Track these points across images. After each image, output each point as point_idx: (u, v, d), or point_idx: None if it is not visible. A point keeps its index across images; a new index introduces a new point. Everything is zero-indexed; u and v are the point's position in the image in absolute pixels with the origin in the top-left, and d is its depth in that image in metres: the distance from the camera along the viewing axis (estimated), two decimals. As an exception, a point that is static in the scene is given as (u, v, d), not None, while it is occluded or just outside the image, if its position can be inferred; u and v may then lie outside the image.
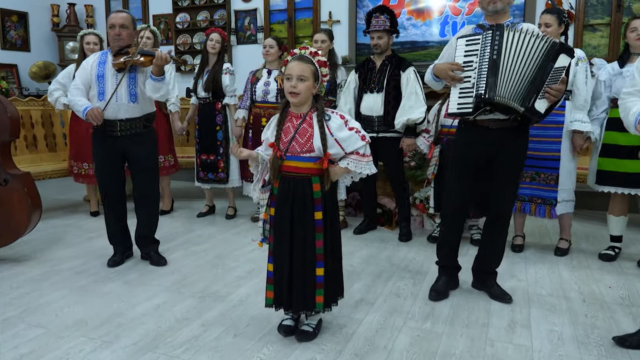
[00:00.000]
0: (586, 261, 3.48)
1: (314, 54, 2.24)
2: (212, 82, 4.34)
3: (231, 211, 4.71)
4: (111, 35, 3.21)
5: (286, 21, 6.13)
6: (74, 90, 3.19)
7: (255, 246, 3.77)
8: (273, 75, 4.28)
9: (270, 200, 2.31)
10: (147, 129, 3.36)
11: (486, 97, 2.46)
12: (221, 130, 4.48)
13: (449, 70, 2.62)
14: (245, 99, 4.40)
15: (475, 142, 2.69)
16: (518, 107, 2.47)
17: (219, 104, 4.45)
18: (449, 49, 2.79)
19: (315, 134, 2.19)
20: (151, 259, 3.45)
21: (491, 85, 2.45)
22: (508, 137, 2.65)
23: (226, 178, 4.55)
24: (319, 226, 2.24)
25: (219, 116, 4.46)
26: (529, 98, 2.48)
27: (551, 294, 2.92)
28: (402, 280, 3.11)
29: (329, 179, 2.23)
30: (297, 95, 2.19)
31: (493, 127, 2.64)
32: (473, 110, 2.54)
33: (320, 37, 4.13)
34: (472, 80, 2.56)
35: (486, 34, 2.51)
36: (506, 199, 2.78)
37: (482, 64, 2.50)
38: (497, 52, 2.47)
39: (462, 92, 2.61)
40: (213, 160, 4.52)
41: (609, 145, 3.38)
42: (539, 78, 2.46)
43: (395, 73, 3.82)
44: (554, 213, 3.48)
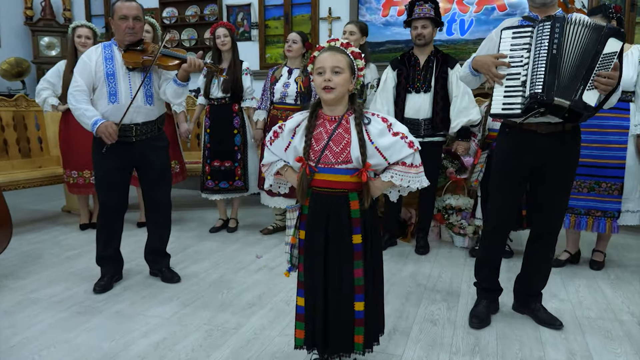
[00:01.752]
0: (624, 275, 3.20)
1: (346, 45, 1.88)
2: (232, 82, 3.95)
3: (233, 223, 4.31)
4: (122, 28, 2.81)
5: (282, 17, 5.75)
6: (78, 95, 2.77)
7: (263, 265, 3.45)
8: (294, 76, 3.91)
9: (299, 221, 1.94)
10: (161, 132, 3.03)
11: (544, 97, 2.12)
12: (239, 134, 4.09)
13: (492, 64, 2.29)
14: (265, 99, 4.03)
15: (522, 149, 2.36)
16: (564, 103, 2.14)
17: (236, 106, 4.06)
18: (489, 43, 2.46)
19: (353, 141, 1.83)
20: (163, 276, 3.12)
21: (549, 84, 2.12)
22: (559, 144, 2.33)
23: (244, 186, 4.14)
24: (358, 252, 1.87)
25: (236, 119, 4.07)
26: (576, 90, 2.14)
27: (601, 316, 2.61)
28: (434, 304, 2.77)
29: (369, 195, 1.86)
30: (332, 90, 1.82)
31: (542, 132, 2.32)
32: (524, 111, 2.21)
33: (349, 29, 3.76)
34: (521, 78, 2.23)
35: (542, 26, 2.17)
36: (556, 214, 2.46)
37: (536, 60, 2.17)
38: (557, 46, 2.13)
39: (508, 91, 2.27)
40: (229, 167, 4.10)
41: None
42: (587, 66, 2.14)
43: (443, 70, 3.46)
44: (616, 226, 3.17)
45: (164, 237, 3.17)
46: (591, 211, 3.18)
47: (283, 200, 3.90)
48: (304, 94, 3.87)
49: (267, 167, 2.04)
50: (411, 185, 1.87)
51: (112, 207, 2.97)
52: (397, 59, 3.60)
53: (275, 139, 1.98)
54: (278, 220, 4.22)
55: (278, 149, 1.97)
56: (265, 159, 2.03)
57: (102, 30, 6.35)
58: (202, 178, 4.17)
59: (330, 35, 5.58)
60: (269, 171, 2.03)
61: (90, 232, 4.05)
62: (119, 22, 2.80)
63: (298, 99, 3.87)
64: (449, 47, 5.30)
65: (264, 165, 2.05)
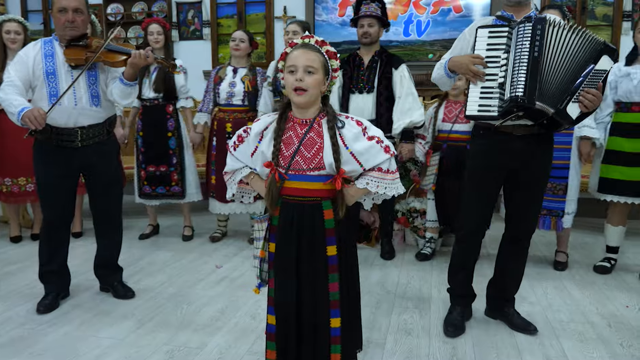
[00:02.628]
0: (588, 275, 3.22)
1: (321, 44, 1.75)
2: (164, 82, 3.72)
3: (188, 231, 4.07)
4: (61, 22, 2.56)
5: (236, 16, 5.55)
6: (8, 88, 2.50)
7: (223, 276, 3.27)
8: (240, 75, 3.74)
9: (268, 233, 1.78)
10: (110, 135, 2.79)
11: (525, 101, 2.06)
12: (174, 137, 3.86)
13: (470, 63, 2.21)
14: (207, 101, 3.83)
15: (496, 151, 2.30)
16: (548, 109, 2.10)
17: (171, 107, 3.83)
18: (462, 42, 2.40)
19: (326, 146, 1.69)
20: (115, 291, 2.89)
21: (531, 87, 2.06)
22: (533, 147, 2.28)
23: (181, 192, 3.92)
24: (333, 265, 1.74)
25: (170, 121, 3.84)
26: (562, 100, 2.11)
27: (573, 319, 2.59)
28: (406, 312, 2.67)
29: (344, 204, 1.73)
30: (304, 92, 1.68)
31: (518, 135, 2.26)
32: (502, 114, 2.15)
33: (292, 28, 3.62)
34: (498, 79, 2.17)
35: (523, 27, 2.11)
36: (531, 217, 2.41)
37: (516, 62, 2.11)
38: (538, 49, 2.07)
39: (485, 92, 2.21)
40: (164, 172, 3.88)
41: (613, 151, 3.13)
42: (576, 79, 2.10)
43: (386, 70, 3.38)
44: (561, 225, 3.20)
45: (115, 250, 2.94)
46: None
47: (237, 206, 3.74)
48: (251, 94, 3.72)
49: (231, 175, 1.87)
50: (387, 192, 1.76)
51: (56, 217, 2.72)
52: (343, 59, 3.51)
53: (239, 144, 1.82)
54: (222, 226, 4.05)
55: (243, 155, 1.81)
56: (228, 166, 1.86)
57: (39, 26, 5.96)
58: (139, 183, 3.94)
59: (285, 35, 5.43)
60: (232, 179, 1.87)
61: (32, 245, 3.74)
62: (58, 15, 2.56)
63: (246, 100, 3.71)
64: (406, 48, 5.27)
65: (227, 173, 1.88)
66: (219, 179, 3.75)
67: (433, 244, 3.59)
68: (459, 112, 3.36)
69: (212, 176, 3.83)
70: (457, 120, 3.35)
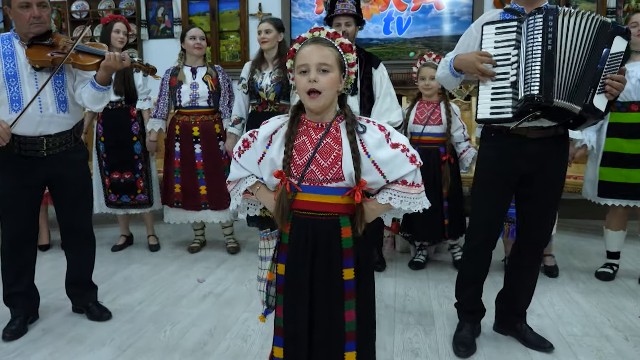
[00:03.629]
0: (590, 282, 3.10)
1: (334, 36, 1.54)
2: (124, 82, 3.44)
3: (154, 240, 3.80)
4: (25, 19, 2.29)
5: (208, 13, 5.26)
6: None
7: (207, 291, 2.97)
8: (200, 75, 3.50)
9: (277, 252, 1.56)
10: (78, 142, 2.52)
11: (542, 99, 1.90)
12: (139, 142, 3.59)
13: (477, 61, 2.05)
14: (162, 105, 3.56)
15: (509, 156, 2.14)
16: (574, 108, 1.95)
17: (134, 110, 3.57)
18: (468, 38, 2.23)
19: (345, 153, 1.49)
20: (90, 312, 2.62)
21: (548, 84, 1.90)
22: (549, 149, 2.13)
23: (148, 200, 3.65)
24: (350, 290, 1.53)
25: (135, 124, 3.57)
26: (586, 94, 1.95)
27: (587, 333, 2.46)
28: (410, 329, 2.49)
29: (363, 220, 1.53)
30: (319, 95, 1.48)
31: (533, 137, 2.11)
32: (517, 115, 1.99)
33: (264, 27, 3.37)
34: (510, 78, 2.01)
35: (533, 20, 1.95)
36: (546, 226, 2.27)
37: (528, 57, 1.95)
38: (551, 42, 1.91)
39: (496, 93, 2.05)
40: (129, 179, 3.60)
41: (612, 153, 3.01)
42: (595, 67, 1.95)
43: (367, 70, 3.18)
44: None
45: (87, 266, 2.67)
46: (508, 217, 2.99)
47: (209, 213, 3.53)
48: (215, 93, 3.51)
49: (235, 185, 1.64)
50: (412, 208, 1.55)
51: (20, 234, 2.44)
52: None
53: (245, 150, 1.60)
54: (199, 235, 3.80)
55: (249, 162, 1.59)
56: (232, 174, 1.63)
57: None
58: (104, 191, 3.66)
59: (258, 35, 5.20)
60: (236, 189, 1.64)
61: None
62: (19, 10, 2.28)
63: (211, 100, 3.49)
64: (386, 47, 5.11)
65: (231, 182, 1.65)
66: (186, 187, 3.52)
67: (425, 250, 3.44)
68: (431, 113, 3.22)
69: (175, 184, 3.55)
70: (429, 122, 3.22)
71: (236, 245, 3.69)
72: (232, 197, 1.67)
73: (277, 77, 3.30)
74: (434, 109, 3.23)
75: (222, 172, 3.47)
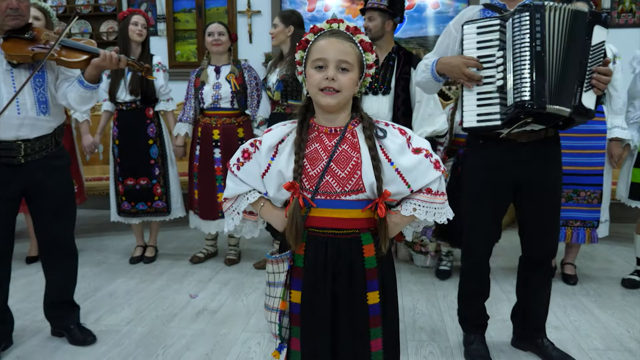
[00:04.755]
0: (601, 289, 2.97)
1: (354, 31, 1.34)
2: (141, 82, 3.21)
3: (151, 252, 3.55)
4: (1, 9, 2.06)
5: (194, 10, 5.03)
6: None
7: (201, 307, 2.73)
8: (224, 74, 3.28)
9: (290, 277, 1.37)
10: (60, 146, 2.30)
11: (534, 106, 1.76)
12: (156, 145, 3.36)
13: (463, 66, 1.91)
14: (189, 109, 3.36)
15: (501, 163, 1.99)
16: (563, 111, 1.80)
17: (151, 110, 3.34)
18: (448, 38, 2.09)
19: (365, 161, 1.30)
20: (71, 336, 2.38)
21: (539, 89, 1.76)
22: (542, 153, 2.00)
23: (166, 207, 3.42)
24: (375, 316, 1.34)
25: (151, 126, 3.34)
26: (574, 93, 1.81)
27: (609, 346, 2.32)
28: (424, 346, 2.31)
29: (387, 236, 1.34)
30: (336, 94, 1.29)
31: (524, 141, 1.96)
32: (506, 122, 1.85)
33: (273, 22, 3.18)
34: (496, 82, 1.87)
35: (519, 18, 1.81)
36: (552, 233, 2.12)
37: (517, 60, 1.81)
38: (540, 42, 1.77)
39: (482, 98, 1.92)
40: (145, 185, 3.36)
41: None
42: (579, 63, 1.81)
43: (405, 70, 2.93)
44: (596, 236, 2.94)
45: (68, 285, 2.43)
46: (569, 221, 2.92)
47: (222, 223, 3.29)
48: (239, 93, 3.27)
49: (232, 202, 1.43)
50: (437, 219, 1.38)
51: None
52: None
53: (245, 162, 1.39)
54: (209, 245, 3.57)
55: (249, 175, 1.39)
56: (229, 190, 1.42)
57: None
58: (117, 199, 3.42)
59: (250, 33, 4.99)
60: (235, 207, 1.43)
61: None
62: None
63: (235, 102, 3.27)
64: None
65: (228, 199, 1.44)
66: (203, 194, 3.31)
67: (451, 256, 3.27)
68: None
69: (195, 190, 3.35)
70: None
71: (235, 258, 3.47)
72: (228, 216, 1.45)
73: (282, 75, 3.09)
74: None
75: None
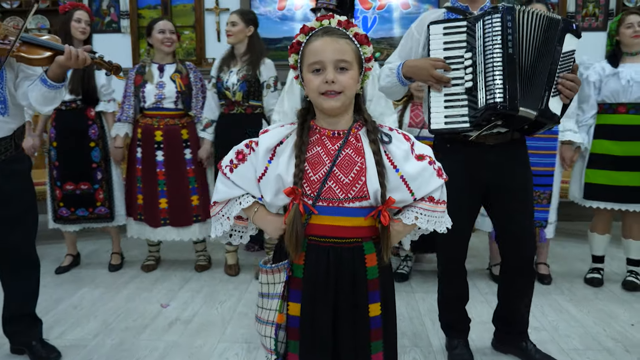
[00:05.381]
0: (575, 288, 3.02)
1: (346, 25, 1.28)
2: (83, 80, 3.04)
3: (117, 259, 3.39)
4: None
5: (159, 6, 4.87)
6: None
7: (173, 317, 2.61)
8: (168, 73, 3.14)
9: (287, 288, 1.29)
10: (19, 150, 2.14)
11: (507, 108, 1.75)
12: (98, 147, 3.18)
13: (431, 68, 1.88)
14: (128, 107, 3.18)
15: (470, 167, 1.98)
16: (530, 113, 1.81)
17: (92, 111, 3.15)
18: (411, 40, 2.07)
19: (369, 167, 1.24)
20: (34, 353, 2.21)
21: (512, 91, 1.76)
22: (510, 155, 2.01)
23: (109, 213, 3.24)
24: (377, 329, 1.29)
25: (93, 127, 3.16)
26: (541, 97, 1.82)
27: (588, 346, 2.34)
28: (407, 352, 2.28)
29: (390, 245, 1.29)
30: (338, 95, 1.22)
31: (491, 144, 1.96)
32: (476, 124, 1.84)
33: (230, 19, 3.05)
34: (465, 83, 1.86)
35: (490, 20, 1.80)
36: (529, 235, 2.11)
37: (488, 62, 1.79)
38: (512, 44, 1.77)
39: (450, 100, 1.90)
40: (87, 190, 3.18)
41: (599, 155, 2.93)
42: (549, 68, 1.82)
43: None
44: (544, 236, 2.99)
45: (29, 297, 2.25)
46: None
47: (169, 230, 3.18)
48: (185, 94, 3.15)
49: (222, 206, 1.35)
50: (437, 228, 1.35)
51: None
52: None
53: (239, 164, 1.31)
54: (154, 251, 3.42)
55: (244, 179, 1.31)
56: (221, 193, 1.34)
57: None
58: (53, 205, 3.22)
59: (218, 31, 4.86)
60: (225, 212, 1.35)
61: None
62: None
63: (179, 102, 3.14)
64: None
65: (218, 203, 1.35)
66: (148, 199, 3.16)
67: (410, 261, 3.24)
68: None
69: (138, 195, 3.19)
70: (425, 125, 3.02)
71: (206, 264, 3.34)
72: (216, 221, 1.36)
73: (244, 75, 2.99)
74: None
75: (186, 185, 3.14)
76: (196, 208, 3.17)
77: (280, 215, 1.32)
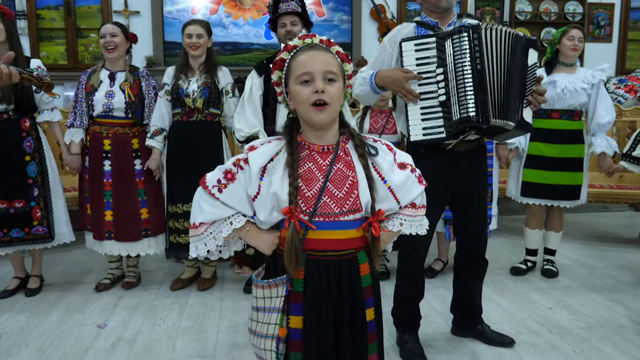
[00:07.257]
0: (497, 279, 3.31)
1: (328, 43, 1.35)
2: (15, 87, 2.78)
3: (35, 282, 3.11)
4: None
5: (62, 7, 4.56)
6: None
7: (115, 338, 2.51)
8: (119, 82, 2.98)
9: (287, 302, 1.31)
10: None
11: (480, 120, 1.93)
12: (34, 162, 2.93)
13: (404, 80, 2.02)
14: (81, 113, 3.00)
15: (443, 172, 2.13)
16: (509, 125, 2.01)
17: (27, 121, 2.91)
18: (383, 54, 2.21)
19: (361, 180, 1.31)
20: None
21: (483, 105, 1.93)
22: (475, 161, 2.22)
23: (48, 233, 2.98)
24: (372, 332, 1.36)
25: (28, 140, 2.91)
26: (516, 109, 2.04)
27: (518, 330, 2.59)
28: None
29: (379, 254, 1.36)
30: (325, 107, 1.27)
31: (461, 150, 2.15)
32: (453, 135, 2.00)
33: (195, 31, 2.95)
34: (439, 97, 2.01)
35: (458, 39, 1.96)
36: (484, 231, 2.36)
37: (459, 78, 1.96)
38: (479, 60, 1.94)
39: (426, 112, 2.04)
40: (21, 208, 2.90)
41: (534, 156, 3.26)
42: (519, 81, 2.03)
43: None
44: (489, 231, 3.20)
45: None
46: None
47: (119, 245, 3.03)
48: (135, 104, 3.00)
49: (208, 227, 1.33)
50: (418, 231, 1.45)
51: None
52: (262, 63, 3.01)
53: (228, 183, 1.31)
54: (114, 268, 3.25)
55: (235, 199, 1.31)
56: (208, 214, 1.32)
57: None
58: None
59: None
60: (211, 232, 1.33)
61: None
62: None
63: (129, 112, 3.00)
64: (269, 52, 4.94)
65: (204, 223, 1.33)
66: (94, 211, 3.00)
67: (386, 261, 3.40)
68: (386, 122, 3.19)
69: (87, 205, 3.03)
70: (385, 131, 3.17)
71: (134, 281, 3.19)
72: (199, 242, 1.34)
73: (204, 82, 2.94)
74: (387, 118, 3.18)
75: (134, 196, 2.99)
76: (145, 222, 3.03)
77: (272, 231, 1.34)
